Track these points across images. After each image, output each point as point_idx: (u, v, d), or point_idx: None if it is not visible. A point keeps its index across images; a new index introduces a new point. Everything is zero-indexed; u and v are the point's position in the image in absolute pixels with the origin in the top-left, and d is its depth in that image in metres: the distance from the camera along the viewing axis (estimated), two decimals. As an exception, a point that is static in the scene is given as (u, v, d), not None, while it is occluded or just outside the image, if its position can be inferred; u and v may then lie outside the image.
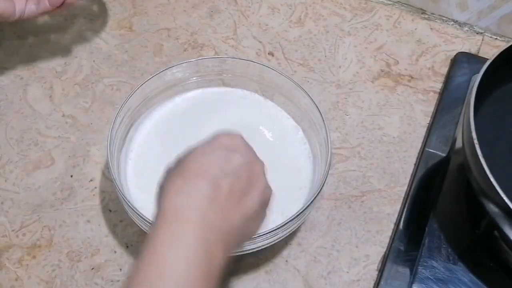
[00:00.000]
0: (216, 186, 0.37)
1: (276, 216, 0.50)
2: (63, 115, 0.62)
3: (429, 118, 0.64)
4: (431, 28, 0.72)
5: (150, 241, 0.35)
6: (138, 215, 0.48)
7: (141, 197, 0.53)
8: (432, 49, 0.70)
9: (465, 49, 0.69)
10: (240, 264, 0.53)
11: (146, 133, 0.58)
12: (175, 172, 0.39)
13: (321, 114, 0.54)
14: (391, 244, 0.54)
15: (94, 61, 0.67)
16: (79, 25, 0.70)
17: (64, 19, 0.70)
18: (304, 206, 0.49)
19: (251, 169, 0.39)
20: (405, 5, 0.73)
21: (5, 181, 0.57)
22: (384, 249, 0.55)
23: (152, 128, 0.58)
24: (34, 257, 0.53)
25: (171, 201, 0.36)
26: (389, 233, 0.56)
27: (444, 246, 0.53)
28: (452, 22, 0.72)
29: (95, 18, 0.70)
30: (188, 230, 0.35)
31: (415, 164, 0.60)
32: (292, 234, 0.54)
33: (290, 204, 0.52)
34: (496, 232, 0.52)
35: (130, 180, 0.54)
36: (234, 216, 0.37)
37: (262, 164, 0.41)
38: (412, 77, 0.67)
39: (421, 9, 0.73)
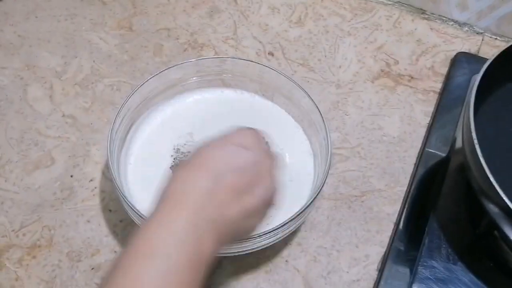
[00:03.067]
0: (216, 180, 0.38)
1: (277, 216, 0.50)
2: (63, 115, 0.62)
3: (429, 118, 0.64)
4: (431, 28, 0.72)
5: (147, 221, 0.37)
6: (138, 215, 0.48)
7: (141, 197, 0.53)
8: (432, 49, 0.70)
9: (465, 49, 0.69)
10: (240, 264, 0.53)
11: (146, 133, 0.58)
12: (187, 161, 0.40)
13: (321, 114, 0.54)
14: (391, 244, 0.54)
15: (94, 61, 0.67)
16: (79, 25, 0.70)
17: (64, 19, 0.70)
18: (304, 206, 0.49)
19: (258, 167, 0.40)
20: (405, 5, 0.73)
21: (5, 181, 0.57)
22: (384, 249, 0.55)
23: (152, 128, 0.58)
24: (34, 257, 0.53)
25: (171, 187, 0.38)
26: (389, 233, 0.56)
27: (444, 246, 0.53)
28: (452, 22, 0.72)
29: (95, 18, 0.71)
30: (181, 214, 0.36)
31: (415, 164, 0.60)
32: (292, 234, 0.54)
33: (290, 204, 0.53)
34: (496, 232, 0.52)
35: (130, 180, 0.54)
36: (231, 210, 0.38)
37: (271, 161, 0.42)
38: (412, 77, 0.67)
39: (421, 9, 0.73)
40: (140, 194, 0.53)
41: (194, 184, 0.38)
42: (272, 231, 0.47)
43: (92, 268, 0.53)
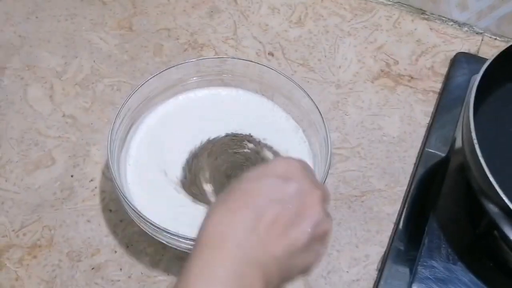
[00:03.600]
0: (258, 216, 0.34)
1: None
2: (63, 115, 0.62)
3: (429, 118, 0.64)
4: (431, 28, 0.72)
5: (185, 268, 0.34)
6: (138, 215, 0.48)
7: (141, 197, 0.53)
8: (431, 49, 0.70)
9: (464, 49, 0.70)
10: None
11: (146, 133, 0.58)
12: (222, 197, 0.37)
13: (321, 114, 0.54)
14: (391, 244, 0.54)
15: (94, 61, 0.67)
16: (79, 25, 0.70)
17: (65, 19, 0.70)
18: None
19: (304, 198, 0.36)
20: (405, 5, 0.73)
21: (5, 181, 0.57)
22: (384, 249, 0.55)
23: (152, 128, 0.58)
24: (34, 257, 0.53)
25: (210, 228, 0.35)
26: (389, 233, 0.56)
27: (444, 246, 0.53)
28: (452, 22, 0.72)
29: (95, 18, 0.71)
30: (222, 262, 0.33)
31: (415, 164, 0.60)
32: (292, 234, 0.54)
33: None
34: (496, 232, 0.52)
35: (130, 180, 0.54)
36: (277, 247, 0.34)
37: (320, 193, 0.37)
38: (412, 77, 0.67)
39: (420, 9, 0.73)
40: (140, 194, 0.53)
41: (233, 225, 0.34)
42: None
43: (92, 268, 0.53)
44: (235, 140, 0.57)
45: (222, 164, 0.54)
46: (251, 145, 0.57)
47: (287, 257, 0.35)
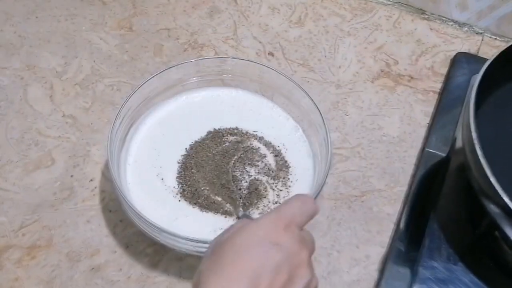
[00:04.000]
0: (253, 285, 0.35)
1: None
2: (63, 115, 0.62)
3: (429, 118, 0.64)
4: (431, 28, 0.72)
5: None
6: (138, 215, 0.48)
7: (141, 197, 0.53)
8: (431, 49, 0.70)
9: (464, 49, 0.69)
10: None
11: (147, 133, 0.58)
12: (211, 263, 0.37)
13: (321, 114, 0.54)
14: (392, 244, 0.54)
15: (94, 61, 0.67)
16: (79, 25, 0.70)
17: (65, 19, 0.70)
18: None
19: (294, 260, 0.37)
20: (404, 5, 0.73)
21: (5, 181, 0.57)
22: (385, 249, 0.55)
23: (152, 128, 0.58)
24: (33, 257, 0.53)
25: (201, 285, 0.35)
26: (389, 233, 0.56)
27: (444, 246, 0.53)
28: (452, 22, 0.72)
29: (95, 18, 0.70)
30: None
31: (415, 164, 0.60)
32: (292, 234, 0.54)
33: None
34: (496, 232, 0.52)
35: (130, 180, 0.54)
36: None
37: (307, 252, 0.38)
38: (412, 77, 0.67)
39: (420, 9, 0.73)
40: (140, 194, 0.53)
41: None
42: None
43: (92, 268, 0.53)
44: (214, 137, 0.57)
45: (212, 173, 0.54)
46: (232, 138, 0.57)
47: None
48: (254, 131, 0.58)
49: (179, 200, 0.53)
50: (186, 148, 0.56)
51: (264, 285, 0.35)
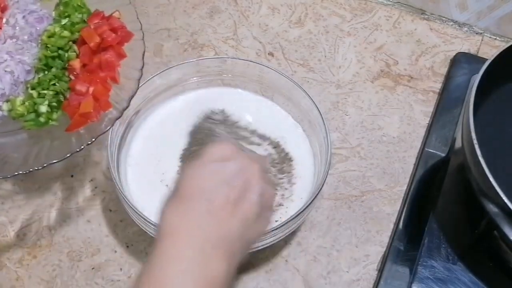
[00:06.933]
0: (209, 200, 0.37)
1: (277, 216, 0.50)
2: (64, 115, 0.62)
3: (429, 118, 0.64)
4: (431, 29, 0.72)
5: (148, 261, 0.36)
6: (138, 214, 0.48)
7: (141, 197, 0.53)
8: (431, 49, 0.70)
9: (464, 49, 0.70)
10: (240, 263, 0.53)
11: (147, 133, 0.58)
12: (172, 194, 0.39)
13: (321, 114, 0.54)
14: (391, 244, 0.54)
15: (94, 61, 0.67)
16: (79, 25, 0.70)
17: (65, 19, 0.70)
18: (304, 206, 0.49)
19: (245, 173, 0.39)
20: (404, 5, 0.73)
21: (5, 181, 0.57)
22: (384, 249, 0.55)
23: (152, 128, 0.58)
24: (34, 257, 0.53)
25: (166, 221, 0.37)
26: (388, 233, 0.56)
27: (443, 246, 0.53)
28: (452, 23, 0.72)
29: (95, 18, 0.71)
30: (182, 245, 0.36)
31: (414, 164, 0.60)
32: (292, 234, 0.54)
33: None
34: (495, 232, 0.52)
35: (130, 179, 0.54)
36: (232, 224, 0.37)
37: (257, 166, 0.41)
38: (411, 77, 0.67)
39: (420, 9, 0.73)
40: (140, 194, 0.54)
41: (188, 213, 0.37)
42: (272, 231, 0.47)
43: (93, 268, 0.53)
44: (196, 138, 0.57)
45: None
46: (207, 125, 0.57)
47: (244, 229, 0.38)
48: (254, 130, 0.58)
49: None
50: (186, 148, 0.56)
51: (219, 199, 0.37)
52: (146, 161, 0.56)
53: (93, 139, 0.46)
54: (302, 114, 0.58)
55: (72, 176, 0.58)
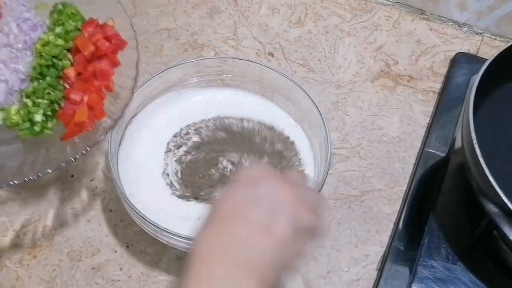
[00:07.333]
0: (241, 225, 0.37)
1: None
2: (64, 115, 0.62)
3: (429, 118, 0.64)
4: (431, 29, 0.72)
5: (180, 286, 0.36)
6: (138, 214, 0.48)
7: (141, 197, 0.53)
8: (431, 49, 0.70)
9: (464, 49, 0.70)
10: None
11: (146, 133, 0.58)
12: (207, 218, 0.39)
13: (320, 114, 0.54)
14: (391, 244, 0.54)
15: (94, 61, 0.67)
16: (79, 25, 0.70)
17: (65, 19, 0.70)
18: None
19: (276, 196, 0.38)
20: (404, 5, 0.73)
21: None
22: (384, 249, 0.55)
23: (152, 128, 0.58)
24: (34, 256, 0.53)
25: (198, 246, 0.37)
26: (388, 232, 0.56)
27: (443, 245, 0.53)
28: (452, 23, 0.72)
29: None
30: (213, 270, 0.35)
31: (414, 164, 0.60)
32: (292, 234, 0.54)
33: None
34: (495, 232, 0.52)
35: (130, 180, 0.54)
36: (263, 248, 0.37)
37: (290, 187, 0.39)
38: (411, 77, 0.67)
39: (420, 9, 0.73)
40: (140, 194, 0.53)
41: (219, 239, 0.37)
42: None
43: (93, 268, 0.53)
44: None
45: (205, 178, 0.54)
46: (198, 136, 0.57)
47: (277, 253, 0.37)
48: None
49: (180, 199, 0.53)
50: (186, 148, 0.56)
51: (251, 223, 0.37)
52: (146, 161, 0.56)
53: (88, 148, 0.46)
54: (302, 114, 0.58)
55: (72, 176, 0.58)
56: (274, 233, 0.37)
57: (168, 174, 0.55)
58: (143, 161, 0.56)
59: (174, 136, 0.57)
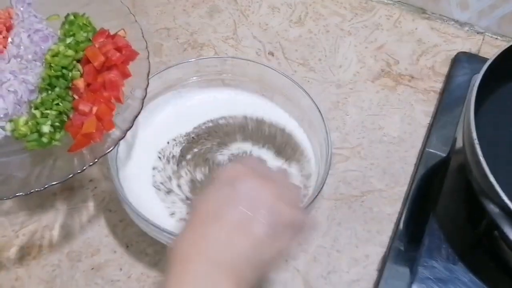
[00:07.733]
0: (217, 225, 0.37)
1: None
2: (63, 115, 0.62)
3: (430, 118, 0.64)
4: (432, 28, 0.72)
5: (163, 284, 0.36)
6: (138, 215, 0.48)
7: (141, 197, 0.53)
8: (432, 48, 0.70)
9: (465, 48, 0.69)
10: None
11: (146, 133, 0.58)
12: (187, 220, 0.40)
13: (321, 114, 0.54)
14: (391, 244, 0.54)
15: (94, 61, 0.67)
16: (79, 25, 0.70)
17: (64, 19, 0.70)
18: (304, 206, 0.49)
19: (254, 194, 0.39)
20: (405, 4, 0.73)
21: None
22: (384, 249, 0.55)
23: (152, 128, 0.58)
24: (34, 257, 0.53)
25: (178, 248, 0.38)
26: (389, 233, 0.56)
27: (444, 246, 0.53)
28: (453, 22, 0.72)
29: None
30: (191, 271, 0.36)
31: (415, 164, 0.60)
32: (292, 234, 0.54)
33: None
34: (496, 232, 0.52)
35: (130, 180, 0.54)
36: (241, 247, 0.37)
37: (270, 185, 0.40)
38: (412, 77, 0.67)
39: (421, 8, 0.73)
40: (140, 194, 0.53)
41: (197, 240, 0.37)
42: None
43: (92, 268, 0.53)
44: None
45: (204, 178, 0.54)
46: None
47: (255, 252, 0.37)
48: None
49: (180, 199, 0.53)
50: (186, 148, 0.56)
51: (227, 222, 0.37)
52: (147, 160, 0.56)
53: (96, 160, 0.46)
54: (302, 114, 0.58)
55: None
56: (252, 232, 0.37)
57: (168, 174, 0.55)
58: (143, 161, 0.56)
59: (174, 136, 0.57)
